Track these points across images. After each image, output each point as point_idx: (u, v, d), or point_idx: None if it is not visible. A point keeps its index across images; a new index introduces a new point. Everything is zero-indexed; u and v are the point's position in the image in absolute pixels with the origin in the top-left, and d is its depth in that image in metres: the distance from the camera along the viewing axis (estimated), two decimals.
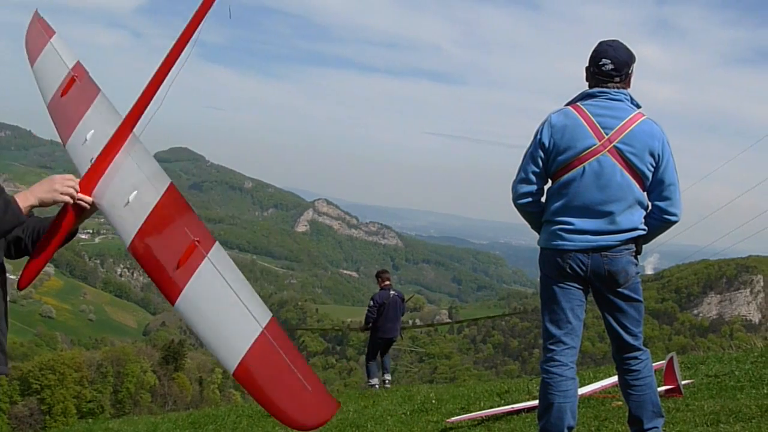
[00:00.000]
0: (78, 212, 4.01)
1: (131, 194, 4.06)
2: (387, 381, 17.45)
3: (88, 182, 4.09)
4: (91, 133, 4.39)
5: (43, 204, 3.80)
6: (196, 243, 3.88)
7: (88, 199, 3.99)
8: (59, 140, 4.52)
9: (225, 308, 3.79)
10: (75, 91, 4.75)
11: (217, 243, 3.92)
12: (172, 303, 3.86)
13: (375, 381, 17.22)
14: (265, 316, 3.76)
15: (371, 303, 17.17)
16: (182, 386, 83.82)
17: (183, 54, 4.57)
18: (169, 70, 4.55)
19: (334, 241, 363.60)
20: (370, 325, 17.19)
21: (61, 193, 3.84)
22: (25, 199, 3.77)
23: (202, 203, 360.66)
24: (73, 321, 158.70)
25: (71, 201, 3.89)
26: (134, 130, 4.39)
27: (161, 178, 4.14)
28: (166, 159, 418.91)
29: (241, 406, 17.23)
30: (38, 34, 5.34)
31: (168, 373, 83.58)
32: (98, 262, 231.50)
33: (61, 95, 4.82)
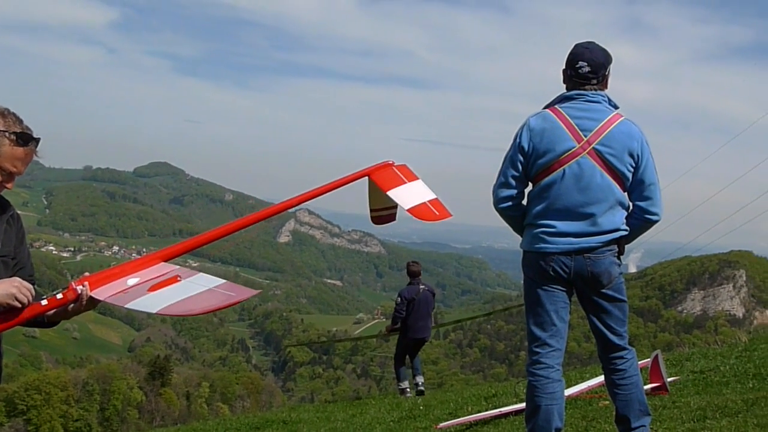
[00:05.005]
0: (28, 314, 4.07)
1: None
2: (420, 384, 15.73)
3: (97, 280, 4.28)
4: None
5: None
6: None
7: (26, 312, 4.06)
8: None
9: None
10: None
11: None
12: None
13: (406, 384, 15.67)
14: None
15: (398, 299, 15.42)
16: (169, 401, 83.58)
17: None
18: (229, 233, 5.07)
19: (317, 250, 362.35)
20: (398, 325, 15.50)
21: (17, 299, 3.92)
22: None
23: (183, 217, 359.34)
24: (57, 340, 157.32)
25: (19, 306, 3.96)
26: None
27: None
28: (146, 174, 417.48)
29: (229, 419, 17.15)
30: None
31: (155, 388, 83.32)
32: None
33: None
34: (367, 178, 5.81)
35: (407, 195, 5.78)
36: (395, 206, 5.96)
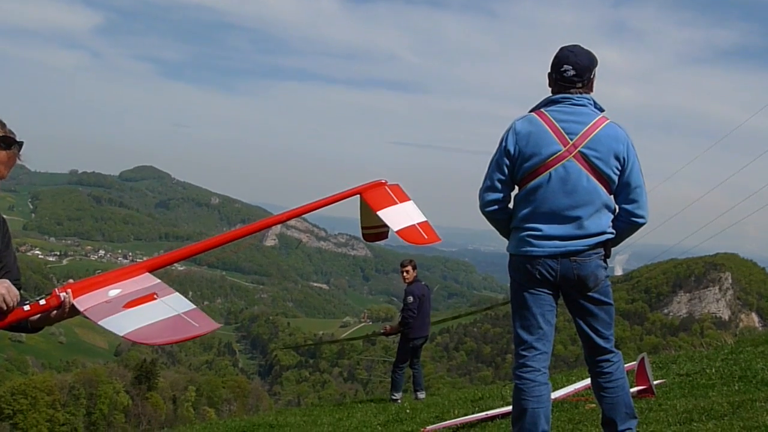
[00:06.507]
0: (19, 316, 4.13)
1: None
2: (421, 399, 14.42)
3: (80, 288, 4.28)
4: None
5: None
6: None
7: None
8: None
9: None
10: None
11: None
12: None
13: (399, 396, 14.62)
14: None
15: (410, 299, 14.28)
16: (156, 405, 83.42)
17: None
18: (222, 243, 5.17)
19: (303, 254, 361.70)
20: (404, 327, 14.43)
21: (4, 300, 3.96)
22: None
23: (169, 221, 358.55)
24: (44, 344, 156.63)
25: (4, 308, 3.99)
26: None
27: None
28: (132, 178, 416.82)
29: (215, 423, 17.13)
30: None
31: (141, 392, 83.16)
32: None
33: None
34: (358, 196, 5.82)
35: (397, 216, 5.79)
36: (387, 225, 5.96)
